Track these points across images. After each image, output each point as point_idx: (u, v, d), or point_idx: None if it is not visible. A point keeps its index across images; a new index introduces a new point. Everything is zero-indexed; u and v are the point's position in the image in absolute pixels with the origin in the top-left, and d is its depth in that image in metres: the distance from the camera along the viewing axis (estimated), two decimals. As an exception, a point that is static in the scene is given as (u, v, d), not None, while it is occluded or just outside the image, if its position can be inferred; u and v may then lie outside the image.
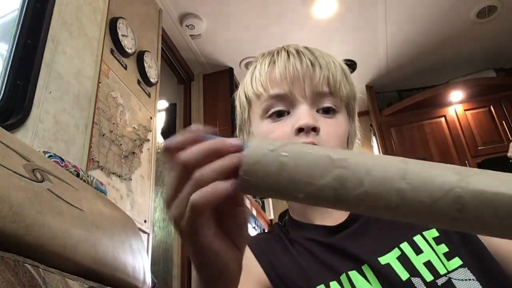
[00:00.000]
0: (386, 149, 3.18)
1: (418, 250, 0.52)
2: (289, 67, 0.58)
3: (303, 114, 0.55)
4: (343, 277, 0.52)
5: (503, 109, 3.05)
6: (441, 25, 2.78)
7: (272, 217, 3.71)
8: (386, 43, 2.91)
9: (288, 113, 0.57)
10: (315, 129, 0.54)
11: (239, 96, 0.66)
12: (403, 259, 0.51)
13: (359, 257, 0.53)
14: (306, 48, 0.62)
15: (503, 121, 3.00)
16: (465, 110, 3.15)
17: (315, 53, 0.61)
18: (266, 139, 0.32)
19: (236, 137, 0.70)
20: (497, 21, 2.76)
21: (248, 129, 0.64)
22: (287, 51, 0.61)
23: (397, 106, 3.29)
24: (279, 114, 0.58)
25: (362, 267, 0.52)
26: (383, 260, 0.52)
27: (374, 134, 3.42)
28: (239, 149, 0.31)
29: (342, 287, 0.51)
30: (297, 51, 0.60)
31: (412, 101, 3.22)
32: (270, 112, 0.58)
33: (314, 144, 0.53)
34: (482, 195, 0.25)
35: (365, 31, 2.77)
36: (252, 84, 0.62)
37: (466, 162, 2.93)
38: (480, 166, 2.87)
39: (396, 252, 0.53)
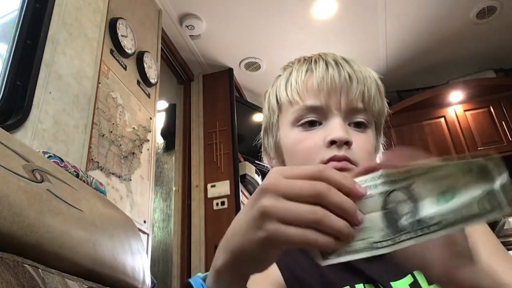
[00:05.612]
0: (386, 150, 3.17)
1: None
2: (327, 78, 0.57)
3: (336, 128, 0.55)
4: (359, 286, 0.53)
5: (503, 109, 3.05)
6: (441, 25, 2.78)
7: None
8: (385, 44, 2.91)
9: (320, 123, 0.57)
10: (347, 143, 0.54)
11: (269, 99, 0.66)
12: (415, 287, 0.51)
13: (372, 278, 0.53)
14: (344, 59, 0.61)
15: (503, 122, 3.00)
16: (465, 110, 3.15)
17: (353, 66, 0.60)
18: None
19: (260, 139, 0.71)
20: (497, 21, 2.76)
21: (275, 133, 0.64)
22: (326, 61, 0.60)
23: (396, 106, 3.28)
24: (311, 123, 0.58)
25: (379, 285, 0.53)
26: (395, 285, 0.52)
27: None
28: (360, 195, 0.31)
29: None
30: (336, 62, 0.59)
31: (411, 102, 3.21)
32: (302, 121, 0.58)
33: (345, 157, 0.53)
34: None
35: (365, 31, 2.77)
36: (286, 90, 0.61)
37: (466, 162, 2.93)
38: (480, 166, 2.86)
39: (409, 279, 0.53)
